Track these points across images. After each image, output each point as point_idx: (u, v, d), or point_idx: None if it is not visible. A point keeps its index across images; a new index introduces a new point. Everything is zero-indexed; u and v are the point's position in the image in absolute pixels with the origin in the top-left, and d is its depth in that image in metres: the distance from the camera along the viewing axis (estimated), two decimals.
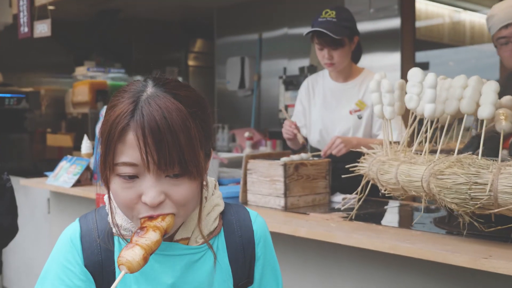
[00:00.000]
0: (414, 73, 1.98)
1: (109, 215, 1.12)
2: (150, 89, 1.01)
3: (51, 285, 1.09)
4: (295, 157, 2.65)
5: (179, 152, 0.97)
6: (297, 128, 3.00)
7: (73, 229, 1.14)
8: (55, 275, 1.10)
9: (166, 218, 1.01)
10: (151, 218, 1.01)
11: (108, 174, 1.02)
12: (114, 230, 1.12)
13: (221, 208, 1.20)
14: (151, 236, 0.98)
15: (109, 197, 1.10)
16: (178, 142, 0.97)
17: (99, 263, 1.11)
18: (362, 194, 2.24)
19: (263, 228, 1.24)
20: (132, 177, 1.00)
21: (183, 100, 1.01)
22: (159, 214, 1.01)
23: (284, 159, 2.58)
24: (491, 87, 1.84)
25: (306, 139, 3.16)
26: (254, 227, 1.22)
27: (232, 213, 1.22)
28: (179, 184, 1.01)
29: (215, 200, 1.19)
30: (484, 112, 1.83)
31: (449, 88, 1.96)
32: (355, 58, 3.06)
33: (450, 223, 2.09)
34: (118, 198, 1.03)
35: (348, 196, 2.73)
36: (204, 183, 1.18)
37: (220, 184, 3.23)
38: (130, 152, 0.98)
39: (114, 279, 1.07)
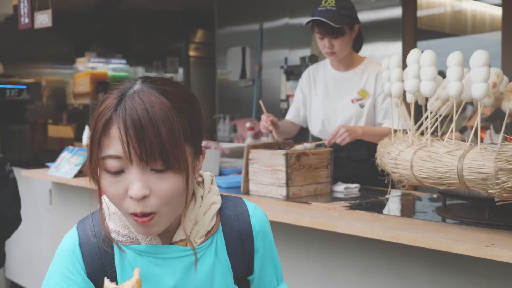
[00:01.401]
0: None
1: (104, 220, 1.14)
2: (137, 86, 1.04)
3: None
4: (298, 147, 2.65)
5: (160, 145, 0.98)
6: (273, 123, 2.93)
7: (71, 238, 1.15)
8: (56, 285, 1.12)
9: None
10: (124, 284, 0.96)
11: (96, 169, 1.04)
12: (113, 236, 1.13)
13: (218, 205, 1.20)
14: None
15: (99, 197, 1.11)
16: (160, 134, 0.98)
17: (101, 268, 1.12)
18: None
19: (262, 220, 1.24)
20: (118, 172, 1.01)
21: (168, 95, 1.02)
22: (142, 212, 1.00)
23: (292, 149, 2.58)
24: None
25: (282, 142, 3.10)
26: (252, 221, 1.22)
27: (229, 207, 1.22)
28: (163, 178, 1.01)
29: (212, 198, 1.19)
30: None
31: None
32: (356, 47, 3.04)
33: (452, 211, 2.09)
34: (107, 193, 1.05)
35: (350, 185, 2.74)
36: (200, 179, 1.19)
37: (221, 174, 3.24)
38: (113, 145, 0.99)
39: (116, 282, 1.10)
